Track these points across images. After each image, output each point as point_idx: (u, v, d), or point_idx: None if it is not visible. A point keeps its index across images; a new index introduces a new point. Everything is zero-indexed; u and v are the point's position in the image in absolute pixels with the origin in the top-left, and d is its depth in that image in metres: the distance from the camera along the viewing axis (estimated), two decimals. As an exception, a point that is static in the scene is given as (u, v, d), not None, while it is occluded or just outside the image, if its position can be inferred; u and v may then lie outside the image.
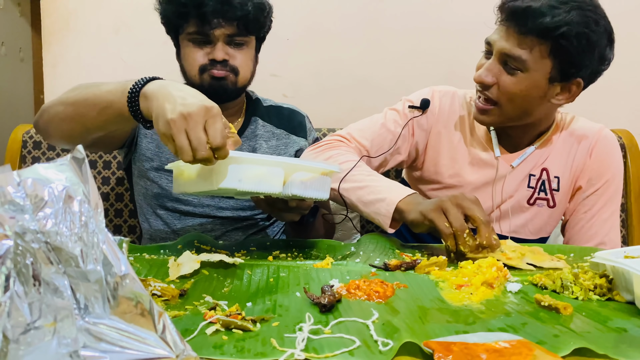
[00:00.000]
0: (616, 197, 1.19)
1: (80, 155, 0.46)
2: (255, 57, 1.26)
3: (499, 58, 1.05)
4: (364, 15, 1.92)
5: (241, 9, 1.13)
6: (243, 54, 1.19)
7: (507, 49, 1.03)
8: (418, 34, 1.92)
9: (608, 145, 1.19)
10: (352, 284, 0.72)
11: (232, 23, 1.14)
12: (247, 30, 1.17)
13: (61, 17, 1.95)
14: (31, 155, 1.67)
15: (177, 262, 0.78)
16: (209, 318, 0.59)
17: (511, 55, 1.03)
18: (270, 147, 1.28)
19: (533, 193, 1.18)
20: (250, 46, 1.22)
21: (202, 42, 1.17)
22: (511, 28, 1.02)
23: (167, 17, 1.19)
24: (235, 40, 1.17)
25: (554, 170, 1.18)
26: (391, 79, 1.95)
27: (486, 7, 1.97)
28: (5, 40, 1.78)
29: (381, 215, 0.98)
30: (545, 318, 0.63)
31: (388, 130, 1.20)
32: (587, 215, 1.18)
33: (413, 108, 1.21)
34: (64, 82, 1.98)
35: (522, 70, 1.03)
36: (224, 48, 1.16)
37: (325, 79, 1.95)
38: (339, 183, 1.05)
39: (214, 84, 1.17)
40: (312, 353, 0.52)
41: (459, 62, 1.92)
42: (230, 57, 1.17)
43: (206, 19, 1.12)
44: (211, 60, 1.16)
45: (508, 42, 1.03)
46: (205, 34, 1.15)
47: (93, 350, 0.42)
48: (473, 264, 0.79)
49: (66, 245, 0.43)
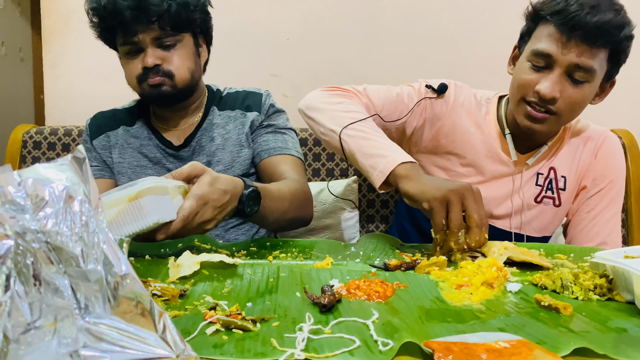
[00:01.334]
0: (619, 198, 1.20)
1: (81, 155, 0.46)
2: (195, 54, 1.23)
3: (565, 70, 1.03)
4: (363, 16, 1.92)
5: (157, 9, 1.11)
6: (176, 55, 1.17)
7: (578, 62, 1.01)
8: (418, 34, 1.92)
9: (612, 147, 1.21)
10: (352, 284, 0.72)
11: (151, 26, 1.13)
12: (173, 29, 1.15)
13: (61, 17, 1.95)
14: (31, 155, 1.67)
15: (177, 263, 0.78)
16: (209, 318, 0.59)
17: (582, 67, 1.01)
18: (227, 131, 1.26)
19: (540, 191, 1.19)
20: (184, 45, 1.19)
21: (134, 51, 1.17)
22: (578, 40, 0.99)
23: (99, 33, 1.21)
24: (164, 42, 1.15)
25: (561, 170, 1.19)
26: (391, 79, 1.94)
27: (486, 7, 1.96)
28: (5, 40, 1.78)
29: (377, 170, 0.97)
30: (545, 318, 0.63)
31: (401, 100, 1.20)
32: (589, 215, 1.19)
33: (429, 89, 1.21)
34: (64, 82, 1.98)
35: (588, 81, 1.03)
36: (154, 52, 1.15)
37: (325, 79, 1.95)
38: (341, 128, 1.05)
39: (153, 93, 1.17)
40: (313, 353, 0.53)
41: (458, 62, 1.92)
42: (163, 61, 1.16)
43: (126, 26, 1.12)
44: (144, 69, 1.15)
45: (577, 54, 1.00)
46: (132, 42, 1.15)
47: (93, 350, 0.42)
48: (473, 264, 0.79)
49: (67, 245, 0.43)
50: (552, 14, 1.02)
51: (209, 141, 1.25)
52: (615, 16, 0.99)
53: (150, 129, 1.28)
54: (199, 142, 1.26)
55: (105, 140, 1.29)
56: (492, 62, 1.88)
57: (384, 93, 1.21)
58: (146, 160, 1.27)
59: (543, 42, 1.04)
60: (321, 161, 1.73)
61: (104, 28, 1.18)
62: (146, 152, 1.27)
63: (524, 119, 1.08)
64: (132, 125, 1.30)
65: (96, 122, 1.32)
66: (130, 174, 1.26)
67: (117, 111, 1.33)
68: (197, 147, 1.26)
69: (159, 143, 1.27)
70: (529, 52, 1.07)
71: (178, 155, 1.26)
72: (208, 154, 1.25)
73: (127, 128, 1.30)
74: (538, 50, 1.04)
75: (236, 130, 1.26)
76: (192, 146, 1.26)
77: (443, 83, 1.21)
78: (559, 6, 1.01)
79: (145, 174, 1.25)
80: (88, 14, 1.19)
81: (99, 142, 1.30)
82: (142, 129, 1.29)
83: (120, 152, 1.28)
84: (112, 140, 1.29)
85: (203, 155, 1.25)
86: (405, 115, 1.19)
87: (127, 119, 1.31)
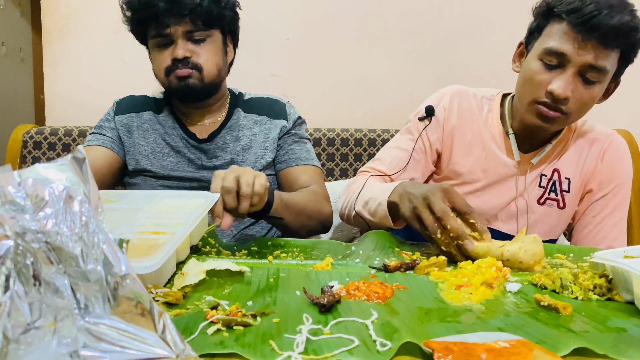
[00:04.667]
0: (625, 202, 1.19)
1: (81, 155, 0.46)
2: (223, 52, 1.27)
3: (578, 70, 1.02)
4: (364, 16, 1.92)
5: (190, 3, 1.15)
6: (205, 49, 1.21)
7: (592, 62, 1.00)
8: (418, 33, 1.92)
9: (619, 151, 1.19)
10: (351, 285, 0.72)
11: (184, 19, 1.16)
12: (204, 24, 1.19)
13: (61, 17, 1.95)
14: (31, 155, 1.67)
15: (183, 272, 0.78)
16: (210, 317, 0.59)
17: (596, 67, 1.01)
18: (254, 133, 1.31)
19: (544, 193, 1.18)
20: (213, 41, 1.23)
21: (164, 44, 1.20)
22: (594, 40, 0.99)
23: (131, 26, 1.25)
24: (195, 36, 1.19)
25: (565, 172, 1.18)
26: (391, 79, 1.95)
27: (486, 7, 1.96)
28: (5, 40, 1.78)
29: (384, 218, 1.01)
30: (545, 318, 0.63)
31: (402, 149, 1.22)
32: (595, 219, 1.18)
33: (421, 120, 1.22)
34: (64, 82, 1.98)
35: (599, 81, 1.03)
36: (184, 45, 1.18)
37: (325, 79, 1.95)
38: (353, 208, 1.11)
39: (180, 85, 1.20)
40: (312, 355, 0.52)
41: (459, 62, 1.92)
42: (192, 54, 1.19)
43: (159, 19, 1.16)
44: (173, 60, 1.19)
45: (593, 55, 1.00)
46: (164, 34, 1.18)
47: (93, 350, 0.42)
48: (473, 264, 0.79)
49: (66, 245, 0.43)
50: (567, 12, 1.01)
51: (234, 140, 1.29)
52: (632, 18, 0.99)
53: (175, 119, 1.32)
54: (224, 139, 1.29)
55: (128, 119, 1.32)
56: (492, 61, 1.88)
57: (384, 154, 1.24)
58: (168, 148, 1.29)
59: (557, 40, 1.02)
60: (321, 161, 1.73)
61: (137, 21, 1.21)
62: (169, 140, 1.30)
63: (536, 119, 1.08)
64: (158, 113, 1.33)
65: (125, 102, 1.36)
66: (152, 158, 1.29)
67: (147, 98, 1.37)
68: (222, 143, 1.29)
69: (182, 134, 1.30)
70: (541, 50, 1.05)
71: (200, 147, 1.29)
72: (233, 152, 1.29)
73: (154, 114, 1.33)
74: (552, 49, 1.03)
75: (262, 134, 1.31)
76: (215, 142, 1.29)
77: (429, 105, 1.21)
78: (575, 4, 1.00)
79: (165, 160, 1.28)
80: (122, 9, 1.23)
81: (122, 119, 1.32)
82: (168, 118, 1.32)
83: (144, 135, 1.30)
84: (136, 122, 1.31)
85: (227, 153, 1.29)
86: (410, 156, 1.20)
87: (154, 106, 1.34)
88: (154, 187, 1.28)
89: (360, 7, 1.92)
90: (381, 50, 1.94)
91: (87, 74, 1.96)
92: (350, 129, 1.77)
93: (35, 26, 1.94)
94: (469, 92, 1.24)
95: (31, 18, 1.93)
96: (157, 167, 1.28)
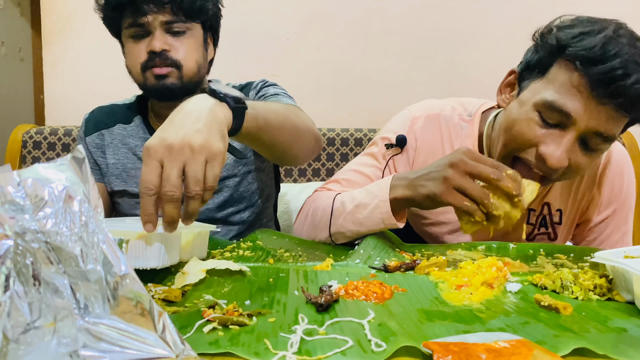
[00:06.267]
0: (628, 217, 1.09)
1: (81, 155, 0.46)
2: (203, 48, 1.17)
3: (581, 135, 0.85)
4: (363, 16, 1.92)
5: None
6: (185, 44, 1.11)
7: (600, 129, 0.83)
8: (418, 34, 1.92)
9: (617, 168, 1.05)
10: (350, 285, 0.72)
11: (165, 7, 1.07)
12: (185, 15, 1.10)
13: (61, 17, 1.95)
14: (31, 155, 1.67)
15: (184, 271, 0.78)
16: (207, 316, 0.59)
17: (603, 135, 0.84)
18: None
19: (533, 229, 1.07)
20: (193, 35, 1.13)
21: (140, 35, 1.10)
22: (611, 107, 0.81)
23: (104, 14, 1.14)
24: (174, 27, 1.10)
25: (556, 204, 1.06)
26: (391, 79, 1.95)
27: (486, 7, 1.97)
28: (5, 40, 1.79)
29: (386, 221, 0.90)
30: (545, 318, 0.63)
31: (364, 175, 1.07)
32: (596, 242, 1.10)
33: (388, 147, 1.07)
34: (64, 82, 1.98)
35: (603, 150, 0.88)
36: (162, 37, 1.09)
37: (325, 79, 1.95)
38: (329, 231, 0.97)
39: (158, 85, 1.10)
40: (305, 355, 0.52)
41: (459, 62, 1.92)
42: (171, 48, 1.10)
43: (138, 6, 1.06)
44: (150, 54, 1.09)
45: (603, 121, 0.82)
46: (140, 24, 1.09)
47: (93, 350, 0.42)
48: (473, 264, 0.79)
49: (66, 245, 0.43)
50: (584, 60, 0.80)
51: None
52: None
53: (146, 128, 1.23)
54: None
55: (99, 138, 1.24)
56: (492, 62, 1.88)
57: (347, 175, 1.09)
58: (139, 163, 1.20)
59: (564, 94, 0.82)
60: (321, 161, 1.73)
61: (112, 7, 1.11)
62: (139, 154, 1.20)
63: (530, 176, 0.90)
64: (128, 123, 1.24)
65: (93, 118, 1.27)
66: (125, 177, 1.21)
67: (116, 107, 1.28)
68: None
69: None
70: (541, 100, 0.85)
71: None
72: None
73: (124, 126, 1.24)
74: (555, 105, 0.83)
75: None
76: None
77: (401, 135, 1.05)
78: (595, 52, 0.79)
79: (138, 176, 1.17)
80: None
81: (92, 139, 1.25)
82: (139, 128, 1.23)
83: (115, 153, 1.22)
84: (107, 139, 1.24)
85: None
86: None
87: (124, 116, 1.25)
88: (137, 207, 1.18)
89: (360, 8, 1.92)
90: (381, 50, 1.94)
91: (87, 74, 1.96)
92: (350, 129, 1.77)
93: (35, 26, 1.94)
94: (444, 116, 1.07)
95: (31, 18, 1.93)
96: (132, 186, 1.20)
